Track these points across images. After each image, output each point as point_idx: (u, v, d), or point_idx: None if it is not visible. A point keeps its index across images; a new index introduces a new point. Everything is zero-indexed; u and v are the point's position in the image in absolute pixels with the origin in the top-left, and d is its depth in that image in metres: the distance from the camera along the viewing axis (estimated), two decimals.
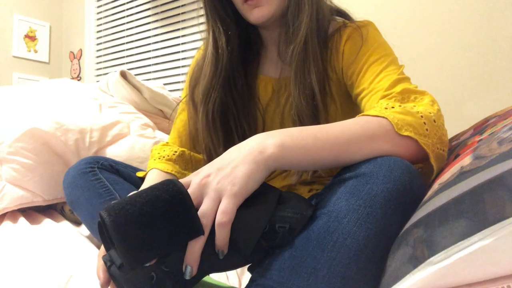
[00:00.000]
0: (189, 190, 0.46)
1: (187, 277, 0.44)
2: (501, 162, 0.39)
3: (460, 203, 0.38)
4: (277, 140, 0.49)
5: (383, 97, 0.63)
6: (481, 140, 0.55)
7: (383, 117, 0.54)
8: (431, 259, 0.36)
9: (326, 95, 0.76)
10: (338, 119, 0.76)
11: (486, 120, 0.71)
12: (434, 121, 0.55)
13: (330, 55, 0.76)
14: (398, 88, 0.62)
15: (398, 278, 0.39)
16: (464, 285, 0.33)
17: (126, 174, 0.81)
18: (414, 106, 0.57)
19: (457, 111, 1.29)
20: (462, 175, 0.44)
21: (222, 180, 0.46)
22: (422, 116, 0.55)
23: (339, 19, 0.82)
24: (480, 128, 0.67)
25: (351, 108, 0.78)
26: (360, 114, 0.58)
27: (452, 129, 0.89)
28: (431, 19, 1.35)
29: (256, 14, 0.73)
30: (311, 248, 0.45)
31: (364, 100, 0.68)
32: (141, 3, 2.48)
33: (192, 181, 0.48)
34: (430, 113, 0.56)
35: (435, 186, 0.49)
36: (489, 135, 0.55)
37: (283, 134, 0.50)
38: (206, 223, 0.44)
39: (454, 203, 0.39)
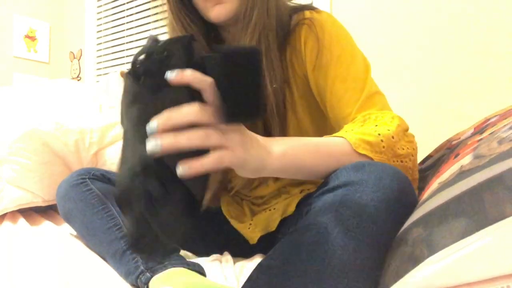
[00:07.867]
0: None
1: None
2: (500, 161, 0.39)
3: (459, 202, 0.38)
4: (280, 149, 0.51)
5: (347, 122, 0.67)
6: (481, 139, 0.55)
7: (343, 137, 0.59)
8: (431, 258, 0.36)
9: (289, 97, 0.74)
10: (306, 118, 0.77)
11: (487, 119, 0.71)
12: (393, 137, 0.59)
13: (292, 53, 0.73)
14: (360, 116, 0.66)
15: (397, 277, 0.39)
16: (463, 284, 0.33)
17: None
18: (376, 126, 0.61)
19: (457, 111, 1.29)
20: (462, 174, 0.44)
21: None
22: (379, 134, 0.59)
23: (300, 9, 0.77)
24: (480, 127, 0.67)
25: (318, 105, 0.76)
26: (326, 136, 0.62)
27: (452, 129, 0.89)
28: (431, 19, 1.35)
29: (217, 12, 0.69)
30: (301, 261, 0.45)
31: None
32: (141, 3, 2.48)
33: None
34: (388, 130, 0.59)
35: (435, 185, 0.49)
36: (489, 134, 0.55)
37: (287, 145, 0.53)
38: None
39: (453, 202, 0.39)
